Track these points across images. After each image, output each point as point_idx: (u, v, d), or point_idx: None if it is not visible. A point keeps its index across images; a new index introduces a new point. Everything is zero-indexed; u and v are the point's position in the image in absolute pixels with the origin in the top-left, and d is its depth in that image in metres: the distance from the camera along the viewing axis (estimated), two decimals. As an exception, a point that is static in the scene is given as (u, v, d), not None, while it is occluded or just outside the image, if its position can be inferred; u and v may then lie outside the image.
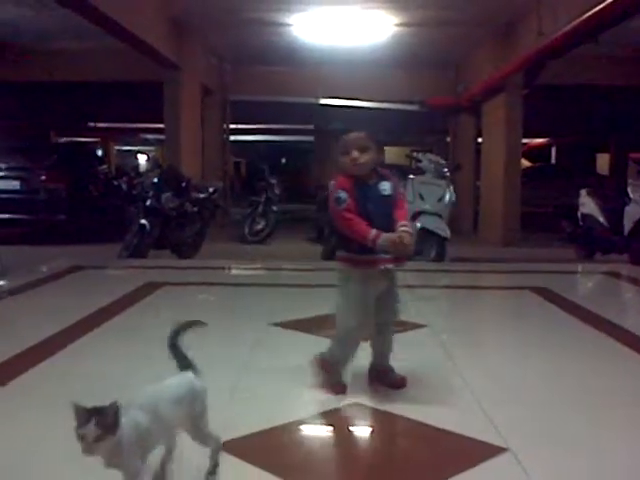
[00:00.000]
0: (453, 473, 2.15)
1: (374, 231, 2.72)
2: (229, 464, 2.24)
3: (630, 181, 9.27)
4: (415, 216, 7.28)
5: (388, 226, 2.78)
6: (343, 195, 2.78)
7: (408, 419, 2.62)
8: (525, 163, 17.28)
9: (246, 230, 11.50)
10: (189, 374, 2.07)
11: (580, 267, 8.11)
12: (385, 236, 2.71)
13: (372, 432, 2.67)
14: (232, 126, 15.75)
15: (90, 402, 1.66)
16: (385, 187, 2.86)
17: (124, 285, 5.70)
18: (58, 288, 5.82)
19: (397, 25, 11.38)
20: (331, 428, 2.68)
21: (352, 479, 2.16)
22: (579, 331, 4.31)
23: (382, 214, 2.82)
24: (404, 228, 2.77)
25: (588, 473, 2.24)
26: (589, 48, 9.17)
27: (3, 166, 11.03)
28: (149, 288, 5.56)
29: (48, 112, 17.85)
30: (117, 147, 29.31)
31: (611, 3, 6.97)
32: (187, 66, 11.49)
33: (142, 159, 31.82)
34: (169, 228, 8.13)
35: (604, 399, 3.00)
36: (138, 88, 14.07)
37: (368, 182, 2.85)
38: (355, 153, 2.80)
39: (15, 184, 10.82)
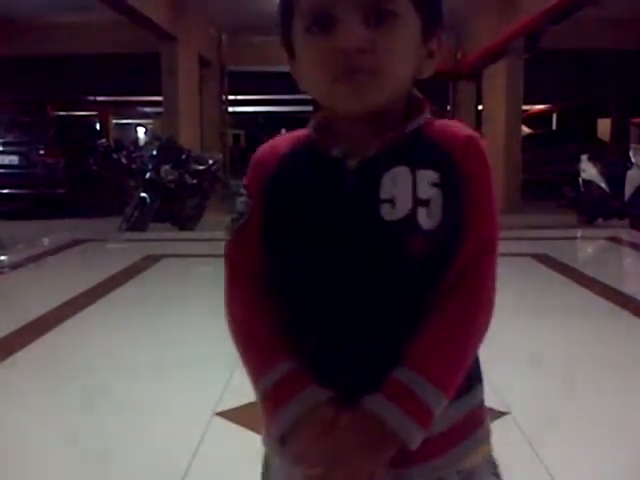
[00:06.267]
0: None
1: (273, 376, 0.87)
2: (230, 431, 2.26)
3: (632, 145, 9.21)
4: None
5: (371, 362, 0.85)
6: (240, 206, 0.94)
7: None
8: (526, 130, 17.18)
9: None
10: None
11: (581, 233, 8.10)
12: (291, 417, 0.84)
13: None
14: (231, 97, 15.64)
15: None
16: (396, 191, 0.83)
17: (124, 258, 5.71)
18: (59, 262, 5.82)
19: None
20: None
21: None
22: (578, 297, 4.32)
23: (356, 303, 0.85)
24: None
25: (584, 433, 2.25)
26: (591, 11, 9.05)
27: (1, 141, 10.97)
28: (149, 261, 5.56)
29: (45, 86, 17.73)
30: (116, 120, 29.17)
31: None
32: (184, 37, 11.36)
33: (141, 132, 31.71)
34: (169, 200, 8.10)
35: (601, 362, 3.01)
36: (136, 60, 13.95)
37: (345, 156, 0.87)
38: (355, 27, 0.80)
39: (13, 159, 10.77)
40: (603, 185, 8.90)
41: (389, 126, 0.86)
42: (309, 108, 26.73)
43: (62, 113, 20.74)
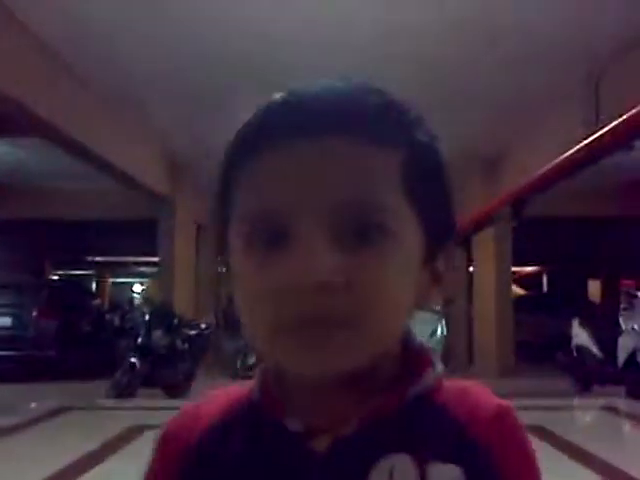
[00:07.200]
0: None
1: None
2: None
3: (622, 311, 9.29)
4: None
5: None
6: None
7: None
8: (518, 291, 17.38)
9: (238, 365, 11.35)
10: None
11: (576, 402, 7.97)
12: None
13: None
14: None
15: None
16: None
17: (110, 429, 5.57)
18: (41, 432, 5.68)
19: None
20: None
21: None
22: (575, 475, 4.19)
23: None
24: None
25: None
26: (574, 181, 9.46)
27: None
28: (135, 432, 5.42)
29: (44, 247, 18.08)
30: (112, 279, 29.46)
31: (587, 145, 7.22)
32: (181, 203, 11.77)
33: (137, 291, 31.91)
34: (159, 366, 8.03)
35: None
36: (134, 223, 14.36)
37: (308, 432, 0.54)
38: (319, 248, 0.49)
39: (6, 321, 10.76)
40: (595, 351, 8.87)
41: (373, 389, 0.55)
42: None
43: (60, 272, 21.03)
